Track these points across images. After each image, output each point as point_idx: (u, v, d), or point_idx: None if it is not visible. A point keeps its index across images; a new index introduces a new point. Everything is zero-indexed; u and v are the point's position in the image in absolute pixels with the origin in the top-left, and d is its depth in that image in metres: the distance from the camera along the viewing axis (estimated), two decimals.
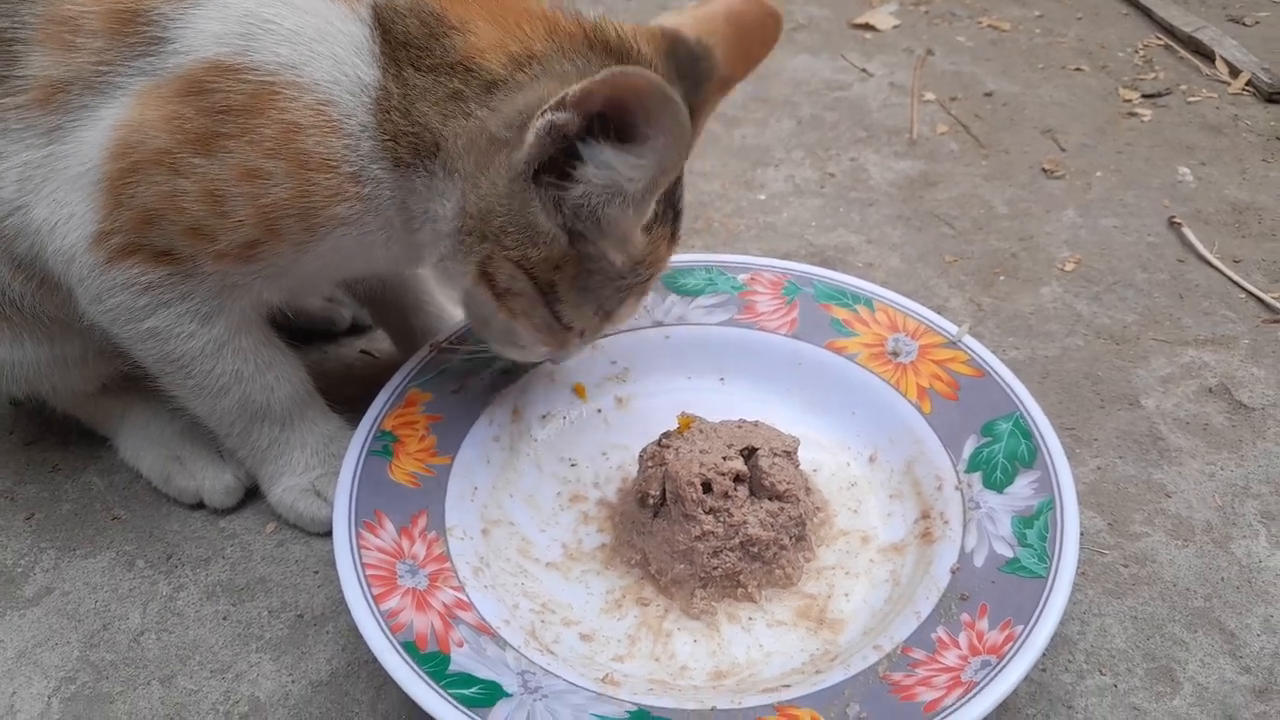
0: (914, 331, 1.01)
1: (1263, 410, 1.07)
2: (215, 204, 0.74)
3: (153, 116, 0.72)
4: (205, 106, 0.71)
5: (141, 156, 0.73)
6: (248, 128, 0.71)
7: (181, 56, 0.72)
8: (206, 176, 0.73)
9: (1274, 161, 1.49)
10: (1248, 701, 0.81)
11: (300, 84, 0.72)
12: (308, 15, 0.73)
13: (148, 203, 0.74)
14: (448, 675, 0.73)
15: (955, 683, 0.72)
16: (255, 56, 0.71)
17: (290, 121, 0.72)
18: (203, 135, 0.72)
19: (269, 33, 0.72)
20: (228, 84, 0.71)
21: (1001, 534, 0.83)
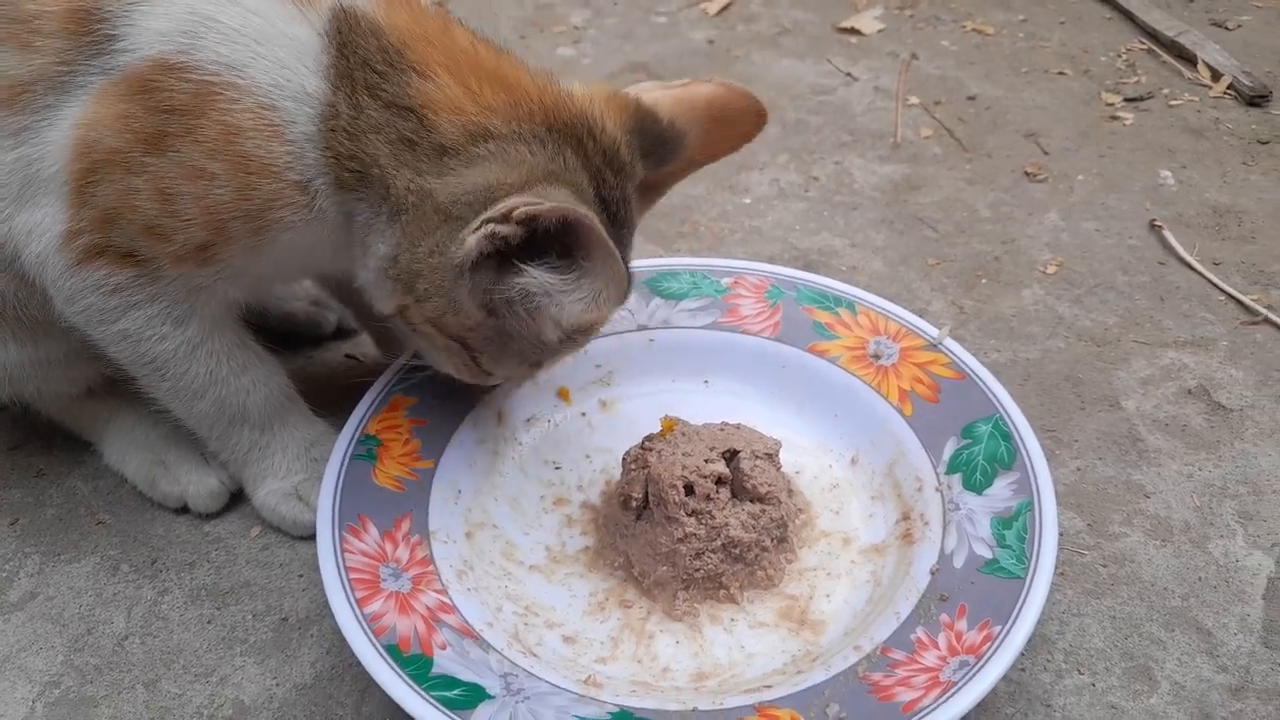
0: (895, 334, 1.01)
1: (1241, 411, 1.08)
2: (166, 203, 0.73)
3: (106, 115, 0.72)
4: (152, 105, 0.71)
5: (99, 155, 0.73)
6: (191, 127, 0.71)
7: (130, 54, 0.72)
8: (157, 175, 0.72)
9: (1254, 165, 1.50)
10: (1224, 700, 0.82)
11: (240, 85, 0.71)
12: (253, 15, 0.72)
13: (107, 201, 0.74)
14: (430, 678, 0.73)
15: (934, 683, 0.72)
16: (198, 55, 0.71)
17: (231, 123, 0.71)
18: (151, 134, 0.72)
19: (211, 31, 0.71)
20: (171, 82, 0.71)
21: (981, 535, 0.83)
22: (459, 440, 0.96)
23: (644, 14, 1.97)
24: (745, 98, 0.86)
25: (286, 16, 0.72)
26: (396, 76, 0.73)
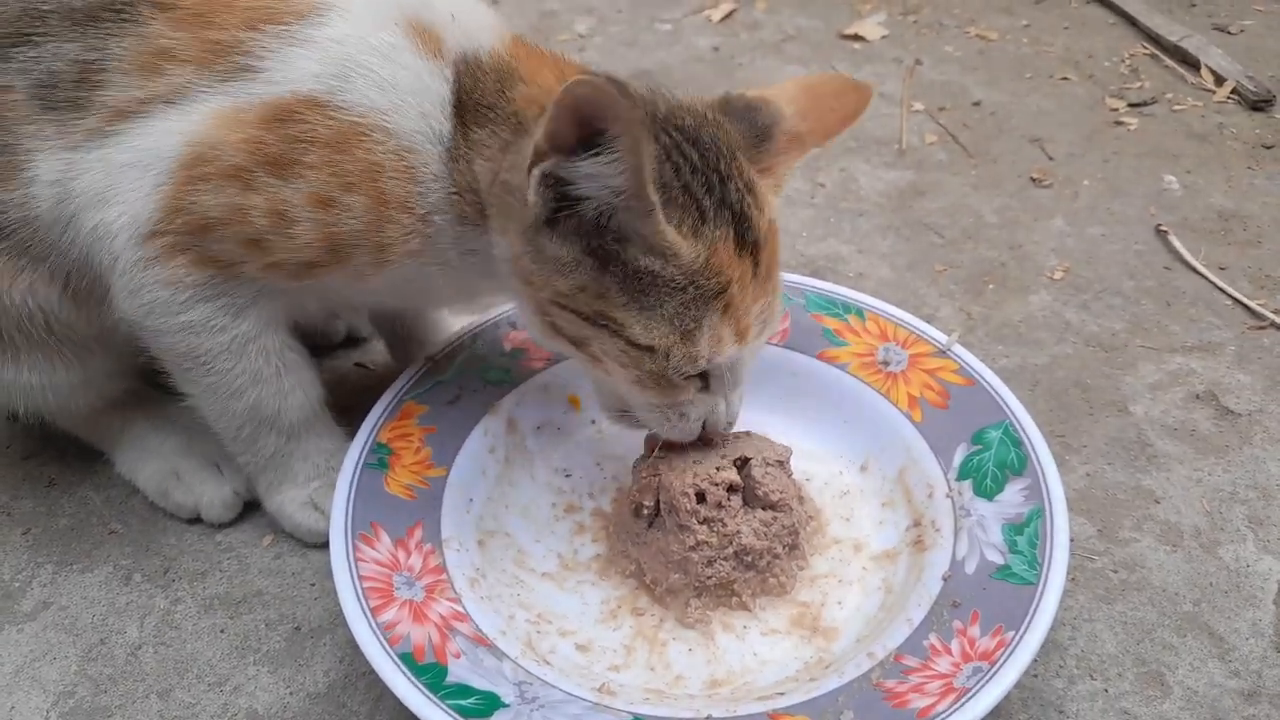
0: (904, 341, 1.02)
1: (1249, 416, 1.08)
2: (281, 222, 0.77)
3: (232, 137, 0.75)
4: (290, 134, 0.75)
5: (214, 170, 0.75)
6: (331, 160, 0.75)
7: (273, 87, 0.75)
8: (277, 196, 0.76)
9: (1259, 169, 1.50)
10: (1237, 705, 0.82)
11: (388, 129, 0.76)
12: (402, 69, 0.76)
13: (210, 211, 0.77)
14: (445, 686, 0.73)
15: (948, 689, 0.73)
16: (348, 97, 0.75)
17: (374, 161, 0.76)
18: (282, 159, 0.75)
19: (364, 77, 0.75)
20: (317, 117, 0.75)
21: (992, 541, 0.83)
22: (470, 448, 0.96)
23: (648, 21, 1.98)
24: (845, 79, 0.89)
25: (430, 71, 0.77)
26: (503, 97, 0.77)
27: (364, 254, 0.79)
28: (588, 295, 0.75)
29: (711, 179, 0.75)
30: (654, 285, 0.74)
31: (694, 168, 0.75)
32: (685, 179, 0.74)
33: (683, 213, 0.73)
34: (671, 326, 0.75)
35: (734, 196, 0.76)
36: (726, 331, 0.77)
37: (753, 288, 0.77)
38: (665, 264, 0.73)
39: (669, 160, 0.74)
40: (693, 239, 0.73)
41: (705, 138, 0.77)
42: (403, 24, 0.77)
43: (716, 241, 0.74)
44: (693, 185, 0.74)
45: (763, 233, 0.78)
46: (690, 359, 0.76)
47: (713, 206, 0.75)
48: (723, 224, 0.75)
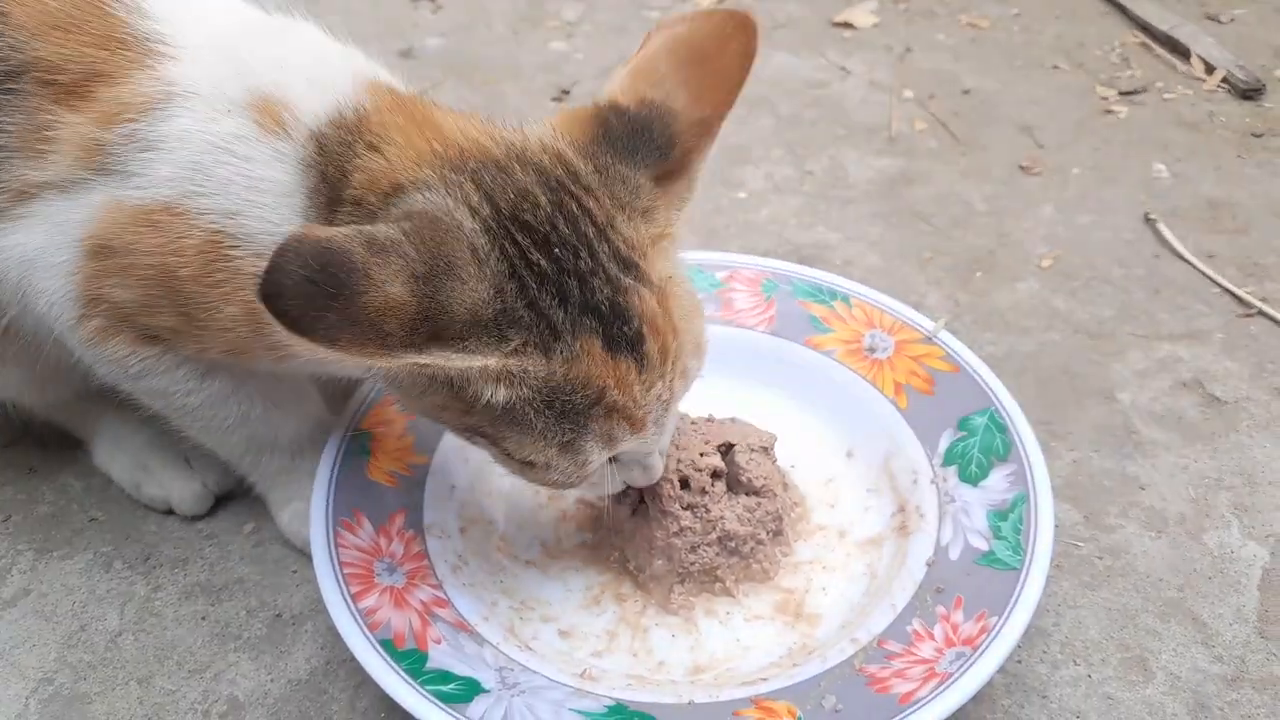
0: (890, 327, 1.01)
1: (1235, 403, 1.08)
2: (189, 323, 0.74)
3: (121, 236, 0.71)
4: (160, 244, 0.71)
5: (114, 265, 0.72)
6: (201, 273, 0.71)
7: (138, 190, 0.71)
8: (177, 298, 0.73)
9: (1248, 157, 1.50)
10: (1220, 690, 0.82)
11: (239, 236, 0.70)
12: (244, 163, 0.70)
13: (126, 303, 0.74)
14: (425, 672, 0.73)
15: (930, 674, 0.72)
16: (201, 203, 0.70)
17: (237, 270, 0.71)
18: (162, 269, 0.71)
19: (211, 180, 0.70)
20: (181, 226, 0.70)
21: (976, 527, 0.83)
22: (453, 436, 0.95)
23: (636, 8, 1.96)
24: (715, 18, 0.71)
25: (272, 157, 0.70)
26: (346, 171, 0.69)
27: (263, 351, 0.75)
28: (453, 412, 0.69)
29: (566, 285, 0.65)
30: (513, 408, 0.67)
31: (542, 277, 0.65)
32: (531, 294, 0.64)
33: (527, 333, 0.64)
34: (546, 441, 0.68)
35: (601, 295, 0.66)
36: (618, 429, 0.69)
37: (640, 380, 0.68)
38: (516, 388, 0.65)
39: (513, 276, 0.64)
40: (542, 358, 0.65)
41: (561, 229, 0.66)
42: (245, 104, 0.70)
43: (578, 354, 0.66)
44: (540, 300, 0.65)
45: (647, 316, 0.68)
46: (578, 466, 0.70)
47: (567, 317, 0.65)
48: (584, 332, 0.66)
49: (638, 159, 0.70)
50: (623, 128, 0.70)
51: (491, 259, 0.64)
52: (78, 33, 0.72)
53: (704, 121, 0.70)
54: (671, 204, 0.72)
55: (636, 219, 0.69)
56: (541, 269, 0.65)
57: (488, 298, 0.63)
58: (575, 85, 1.72)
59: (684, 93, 0.70)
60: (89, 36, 0.72)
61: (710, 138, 0.71)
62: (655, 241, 0.70)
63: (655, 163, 0.70)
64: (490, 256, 0.64)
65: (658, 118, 0.70)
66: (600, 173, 0.69)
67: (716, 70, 0.70)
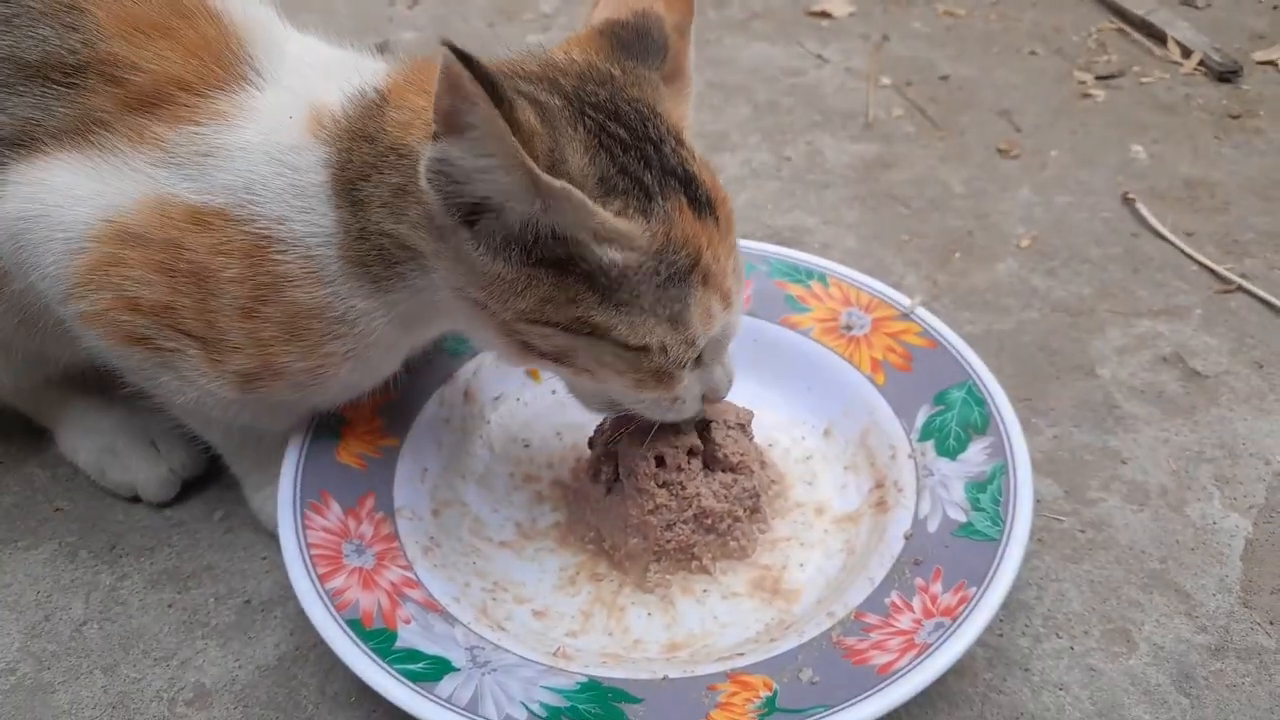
0: (867, 305, 1.00)
1: (1216, 377, 1.08)
2: (211, 330, 0.74)
3: (158, 231, 0.71)
4: (208, 243, 0.71)
5: (139, 256, 0.72)
6: (246, 275, 0.72)
7: (193, 193, 0.72)
8: (204, 305, 0.73)
9: (1226, 138, 1.50)
10: (1204, 660, 0.81)
11: (288, 240, 0.71)
12: (296, 174, 0.71)
13: (139, 298, 0.73)
14: (394, 651, 0.71)
15: (909, 645, 0.71)
16: (255, 209, 0.71)
17: (281, 273, 0.72)
18: (203, 270, 0.72)
19: (266, 190, 0.71)
20: (231, 230, 0.71)
21: (955, 499, 0.82)
22: (425, 419, 0.94)
23: None
24: None
25: (313, 164, 0.71)
26: (379, 130, 0.70)
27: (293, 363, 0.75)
28: (556, 305, 0.68)
29: (646, 150, 0.68)
30: (624, 279, 0.67)
31: (624, 145, 0.68)
32: (620, 161, 0.67)
33: (626, 197, 0.67)
34: (657, 318, 0.69)
35: (673, 160, 0.70)
36: (713, 302, 0.71)
37: (723, 247, 0.72)
38: (625, 253, 0.66)
39: (601, 146, 0.67)
40: (643, 219, 0.67)
41: (624, 106, 0.70)
42: (302, 117, 0.72)
43: (672, 214, 0.68)
44: (629, 165, 0.67)
45: (711, 183, 0.72)
46: (688, 344, 0.71)
47: (655, 179, 0.68)
48: (672, 193, 0.69)
49: (649, 61, 0.75)
50: (630, 36, 0.75)
51: (579, 129, 0.67)
52: (166, 38, 0.73)
53: (679, 26, 0.77)
54: (680, 98, 0.77)
55: (670, 107, 0.75)
56: (621, 137, 0.68)
57: (586, 160, 0.66)
58: None
59: (659, 2, 0.77)
60: (180, 44, 0.73)
61: (687, 39, 0.78)
62: (686, 126, 0.76)
63: (660, 62, 0.76)
64: (578, 127, 0.67)
65: (652, 23, 0.76)
66: (628, 74, 0.73)
67: None
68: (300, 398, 0.80)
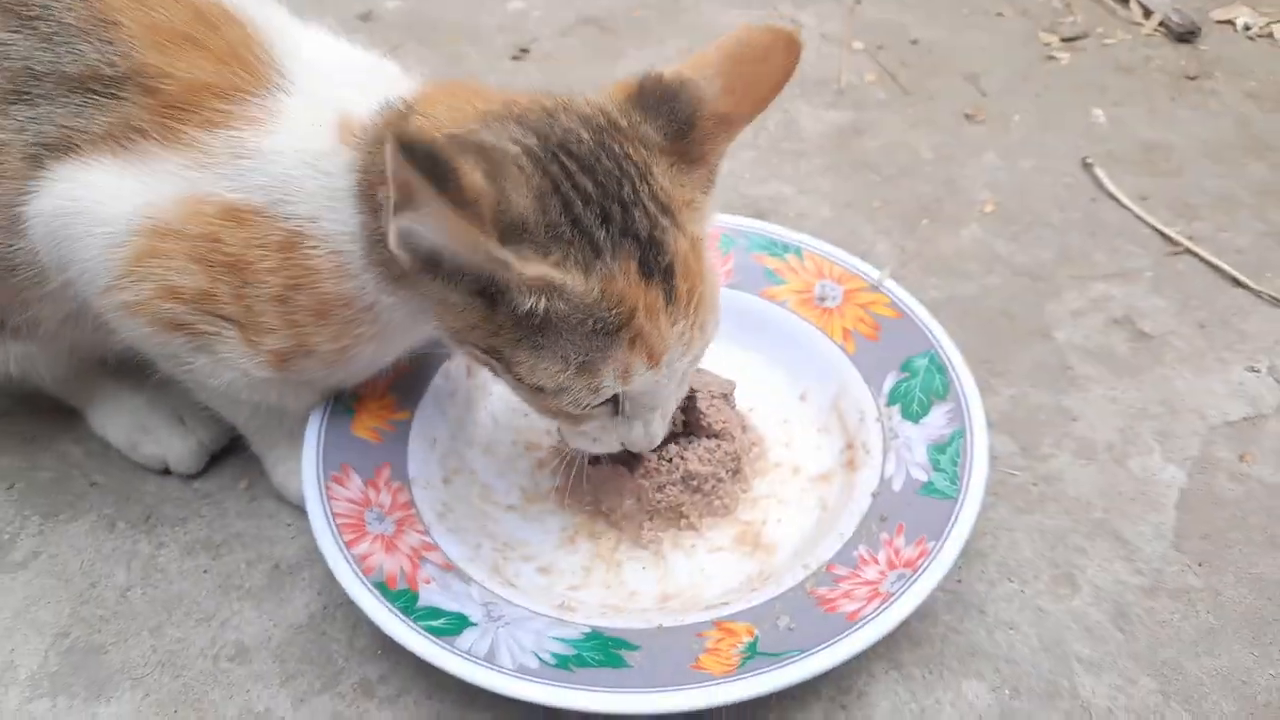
0: (839, 277, 1.08)
1: (1161, 338, 1.16)
2: (249, 313, 0.79)
3: (193, 226, 0.76)
4: (244, 238, 0.76)
5: (178, 248, 0.77)
6: (281, 264, 0.77)
7: (228, 191, 0.76)
8: (241, 291, 0.78)
9: (1181, 100, 1.57)
10: (1138, 599, 0.91)
11: (319, 236, 0.77)
12: (326, 177, 0.76)
13: (179, 286, 0.78)
14: (417, 609, 0.80)
15: (875, 594, 0.80)
16: (288, 209, 0.76)
17: (312, 266, 0.77)
18: (238, 261, 0.77)
19: (300, 191, 0.76)
20: (266, 226, 0.76)
21: (917, 460, 0.91)
22: (432, 393, 1.01)
23: None
24: (768, 31, 0.76)
25: (345, 166, 0.76)
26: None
27: (325, 343, 0.81)
28: (481, 332, 0.73)
29: (609, 208, 0.70)
30: (548, 323, 0.70)
31: (587, 198, 0.70)
32: (576, 212, 0.69)
33: (568, 248, 0.69)
34: (565, 363, 0.72)
35: (640, 224, 0.71)
36: (636, 361, 0.73)
37: (667, 313, 0.73)
38: (553, 301, 0.69)
39: (557, 193, 0.69)
40: (580, 274, 0.69)
41: (604, 162, 0.71)
42: (331, 124, 0.76)
43: (614, 274, 0.70)
44: (584, 218, 0.69)
45: (679, 255, 0.73)
46: (591, 392, 0.74)
47: (609, 238, 0.70)
48: (622, 254, 0.70)
49: (662, 126, 0.74)
50: (653, 92, 0.75)
51: (535, 177, 0.69)
52: (196, 47, 0.77)
53: (726, 117, 0.75)
54: (695, 184, 0.76)
55: (671, 174, 0.74)
56: (586, 191, 0.70)
57: (533, 207, 0.68)
58: (534, 43, 1.76)
59: (718, 83, 0.74)
60: (209, 52, 0.77)
61: (729, 136, 0.76)
62: (687, 203, 0.75)
63: (674, 133, 0.74)
64: (534, 175, 0.69)
65: (685, 92, 0.74)
66: (635, 128, 0.74)
67: (753, 74, 0.75)
68: (329, 373, 0.87)
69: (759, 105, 0.77)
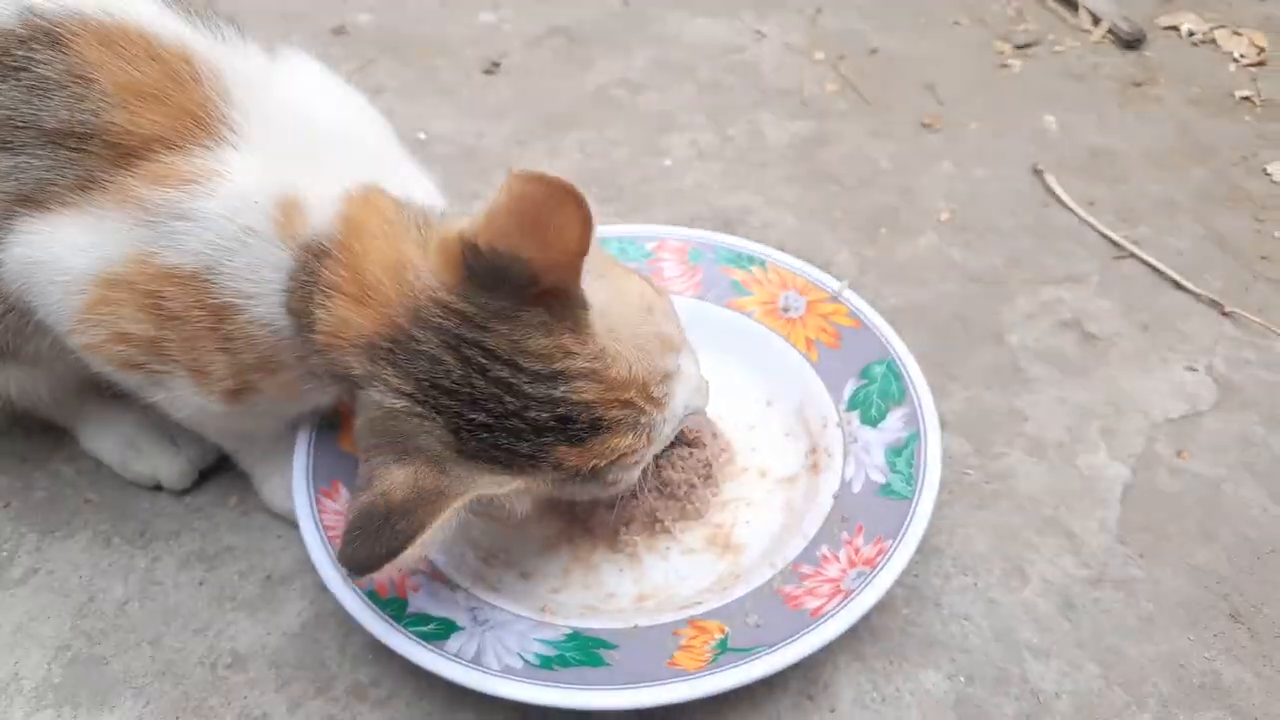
0: (802, 288, 1.13)
1: (1107, 339, 1.23)
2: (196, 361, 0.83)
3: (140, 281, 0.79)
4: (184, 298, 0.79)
5: (129, 297, 0.80)
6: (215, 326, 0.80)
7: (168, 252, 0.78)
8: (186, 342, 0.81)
9: (1128, 107, 1.64)
10: (1084, 590, 0.97)
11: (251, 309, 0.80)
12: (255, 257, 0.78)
13: (130, 332, 0.81)
14: (407, 616, 0.85)
15: (836, 591, 0.86)
16: (220, 278, 0.79)
17: (249, 334, 0.81)
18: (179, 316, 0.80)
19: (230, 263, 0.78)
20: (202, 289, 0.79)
21: (875, 463, 0.96)
22: None
23: None
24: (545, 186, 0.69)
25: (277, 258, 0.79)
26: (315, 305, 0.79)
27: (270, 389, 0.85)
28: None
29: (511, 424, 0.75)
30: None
31: (489, 428, 0.76)
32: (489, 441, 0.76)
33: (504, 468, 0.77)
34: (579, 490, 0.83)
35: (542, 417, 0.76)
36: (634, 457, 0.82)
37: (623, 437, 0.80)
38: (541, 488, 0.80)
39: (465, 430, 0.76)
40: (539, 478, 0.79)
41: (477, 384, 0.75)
42: (270, 202, 0.78)
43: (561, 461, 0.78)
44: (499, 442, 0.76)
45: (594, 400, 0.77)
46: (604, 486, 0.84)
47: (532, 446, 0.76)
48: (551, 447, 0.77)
49: (505, 293, 0.74)
50: (481, 268, 0.73)
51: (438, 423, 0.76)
52: (156, 103, 0.78)
53: (556, 264, 0.73)
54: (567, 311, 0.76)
55: (534, 332, 0.75)
56: (483, 423, 0.75)
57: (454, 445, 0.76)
58: (504, 56, 1.80)
59: (531, 246, 0.71)
60: (166, 107, 0.78)
61: (574, 271, 0.74)
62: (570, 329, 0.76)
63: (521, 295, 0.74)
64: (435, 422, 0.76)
65: (510, 263, 0.72)
66: (484, 308, 0.74)
67: (556, 230, 0.70)
68: (285, 407, 0.92)
69: (575, 254, 0.72)
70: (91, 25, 0.78)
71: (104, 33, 0.78)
